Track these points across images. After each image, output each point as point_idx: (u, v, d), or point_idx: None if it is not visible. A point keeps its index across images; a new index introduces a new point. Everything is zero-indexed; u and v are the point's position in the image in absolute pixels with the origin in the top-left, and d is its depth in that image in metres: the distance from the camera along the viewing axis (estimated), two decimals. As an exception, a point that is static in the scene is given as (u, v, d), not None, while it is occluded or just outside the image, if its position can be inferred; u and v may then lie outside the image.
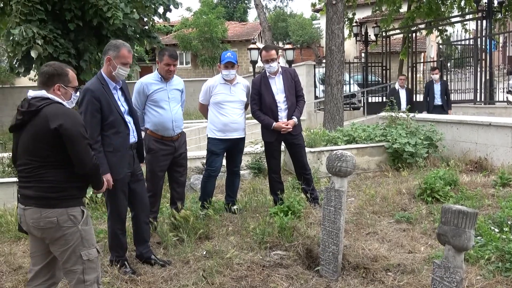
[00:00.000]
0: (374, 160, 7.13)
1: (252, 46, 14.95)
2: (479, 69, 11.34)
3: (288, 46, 15.87)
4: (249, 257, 3.70)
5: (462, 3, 15.66)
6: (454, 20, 14.77)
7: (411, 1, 16.54)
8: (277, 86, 5.00)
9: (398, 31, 16.00)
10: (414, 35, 13.86)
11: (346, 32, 15.40)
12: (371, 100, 14.28)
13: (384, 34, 15.03)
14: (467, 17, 14.93)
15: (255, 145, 7.40)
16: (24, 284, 3.33)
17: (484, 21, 11.45)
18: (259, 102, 5.01)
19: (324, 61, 10.34)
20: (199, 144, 10.26)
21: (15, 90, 17.73)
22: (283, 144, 5.21)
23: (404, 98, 9.88)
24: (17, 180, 2.72)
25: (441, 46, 15.30)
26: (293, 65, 14.07)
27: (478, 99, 11.36)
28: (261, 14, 20.63)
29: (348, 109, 14.58)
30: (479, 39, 11.53)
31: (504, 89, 12.42)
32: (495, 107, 10.91)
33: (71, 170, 2.58)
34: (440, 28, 15.83)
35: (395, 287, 3.23)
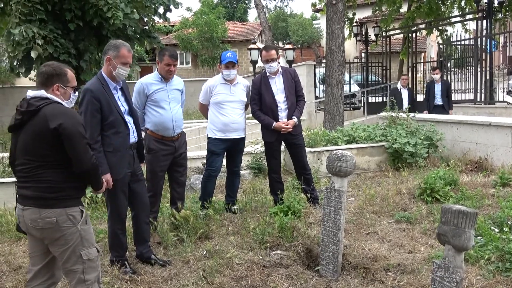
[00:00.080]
0: (374, 160, 7.13)
1: (252, 46, 14.94)
2: (479, 69, 11.33)
3: (288, 46, 15.87)
4: (249, 257, 3.70)
5: (462, 3, 15.66)
6: (454, 20, 14.77)
7: (411, 1, 16.54)
8: (277, 86, 5.00)
9: (398, 31, 16.00)
10: (414, 35, 13.86)
11: (346, 32, 15.40)
12: (371, 100, 14.27)
13: (384, 34, 15.03)
14: (467, 17, 14.93)
15: (255, 145, 7.39)
16: (24, 284, 3.33)
17: (484, 21, 11.44)
18: (259, 102, 5.01)
19: (324, 61, 10.33)
20: (199, 144, 10.25)
21: (15, 90, 17.71)
22: (283, 144, 5.21)
23: (406, 98, 9.87)
24: (15, 180, 2.71)
25: (441, 46, 15.29)
26: (293, 65, 14.06)
27: (478, 99, 11.35)
28: (261, 14, 20.64)
29: (348, 109, 14.58)
30: (479, 39, 11.52)
31: (504, 89, 12.41)
32: (495, 107, 10.90)
33: (69, 170, 2.58)
34: (440, 28, 15.83)
35: (395, 287, 3.23)
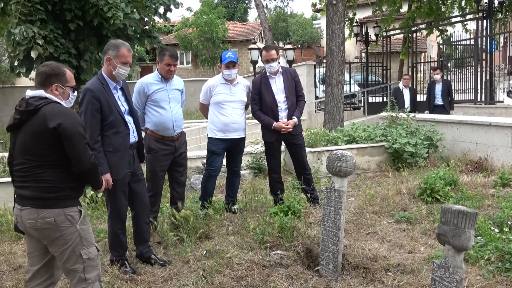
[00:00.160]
0: (374, 160, 7.13)
1: (252, 46, 14.93)
2: (479, 69, 11.33)
3: (288, 46, 15.87)
4: (249, 257, 3.71)
5: (463, 3, 15.65)
6: (454, 20, 14.78)
7: (411, 1, 16.54)
8: (277, 86, 5.00)
9: (398, 31, 16.00)
10: (414, 35, 13.86)
11: (347, 32, 15.40)
12: (371, 100, 14.26)
13: (384, 34, 15.03)
14: (467, 17, 14.94)
15: (255, 145, 7.40)
16: (24, 284, 3.33)
17: (485, 21, 11.44)
18: (260, 102, 5.01)
19: (325, 61, 10.33)
20: (200, 144, 10.25)
21: (15, 90, 17.71)
22: (283, 144, 5.21)
23: (407, 98, 9.87)
24: (14, 180, 2.69)
25: (441, 46, 15.28)
26: (293, 65, 14.06)
27: (479, 99, 11.35)
28: (261, 14, 20.65)
29: (348, 109, 14.57)
30: (479, 39, 11.52)
31: (504, 89, 12.40)
32: (495, 107, 10.90)
33: (68, 170, 2.57)
34: (440, 28, 15.82)
35: (395, 287, 3.23)
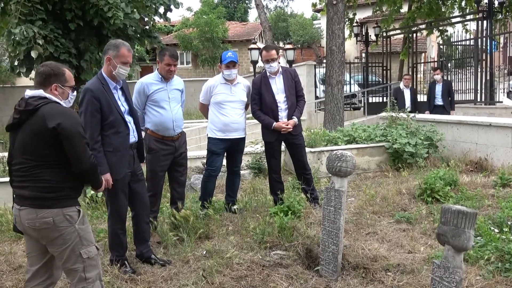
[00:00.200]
0: (374, 160, 7.13)
1: (252, 46, 14.93)
2: (479, 70, 11.33)
3: (288, 46, 15.86)
4: (249, 256, 3.71)
5: (463, 4, 15.65)
6: (454, 20, 14.77)
7: (411, 1, 16.54)
8: (277, 86, 5.00)
9: (398, 31, 16.00)
10: (414, 35, 13.86)
11: (347, 32, 15.39)
12: (371, 100, 14.26)
13: (384, 34, 15.03)
14: (467, 17, 14.93)
15: (255, 145, 7.40)
16: (23, 284, 3.34)
17: (485, 22, 11.44)
18: (260, 102, 5.01)
19: (325, 61, 10.33)
20: (200, 144, 10.26)
21: (15, 90, 17.71)
22: (283, 144, 5.21)
23: (408, 98, 9.87)
24: (13, 180, 2.68)
25: (441, 47, 15.28)
26: (293, 65, 14.06)
27: (479, 100, 11.35)
28: (261, 14, 20.64)
29: (348, 109, 14.57)
30: (479, 40, 11.52)
31: (504, 89, 12.40)
32: (495, 107, 10.90)
33: (67, 170, 2.57)
34: (440, 28, 15.82)
35: (395, 287, 3.23)
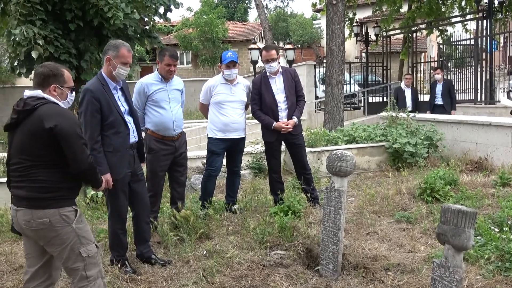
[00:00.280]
0: (375, 160, 7.13)
1: (252, 46, 14.94)
2: (479, 69, 11.32)
3: (288, 46, 15.86)
4: (249, 256, 3.71)
5: (463, 3, 15.65)
6: (454, 20, 14.76)
7: (411, 1, 16.54)
8: (277, 86, 5.01)
9: (398, 31, 15.99)
10: (414, 35, 13.86)
11: (347, 32, 15.40)
12: (371, 100, 14.27)
13: (384, 34, 15.02)
14: (467, 17, 14.93)
15: (255, 145, 7.40)
16: (23, 285, 3.34)
17: (485, 21, 11.43)
18: (260, 102, 5.02)
19: (325, 61, 10.33)
20: (200, 144, 10.26)
21: (16, 90, 17.72)
22: (283, 144, 5.22)
23: (409, 98, 9.87)
24: (10, 180, 2.68)
25: (441, 46, 15.27)
26: (293, 65, 14.07)
27: (479, 99, 11.35)
28: (261, 14, 20.64)
29: (348, 109, 14.57)
30: (479, 39, 11.52)
31: (504, 89, 12.40)
32: (495, 107, 10.89)
33: (64, 170, 2.57)
34: (440, 28, 15.82)
35: (395, 286, 3.23)
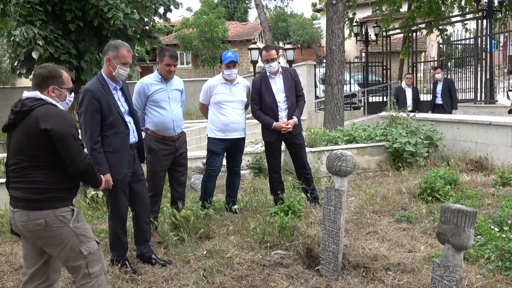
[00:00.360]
0: (375, 160, 7.13)
1: (252, 46, 14.94)
2: (479, 69, 11.32)
3: (288, 46, 15.87)
4: (250, 256, 3.71)
5: (463, 3, 15.64)
6: (454, 19, 14.76)
7: (411, 0, 16.54)
8: (277, 86, 5.01)
9: (398, 30, 15.99)
10: (414, 34, 13.86)
11: (347, 32, 15.40)
12: (371, 99, 14.28)
13: (384, 33, 15.03)
14: (467, 16, 14.92)
15: (255, 145, 7.40)
16: (21, 286, 3.34)
17: (485, 21, 11.43)
18: (260, 102, 5.02)
19: (325, 61, 10.33)
20: (200, 144, 10.26)
21: (16, 91, 17.74)
22: (283, 144, 5.22)
23: (410, 97, 9.86)
24: (9, 181, 2.68)
25: (441, 46, 15.27)
26: (293, 65, 14.07)
27: (479, 99, 11.35)
28: (261, 14, 20.66)
29: (348, 108, 14.57)
30: (479, 39, 11.52)
31: (504, 88, 12.40)
32: (495, 106, 10.89)
33: (60, 171, 2.58)
34: (440, 27, 15.82)
35: (395, 286, 3.24)
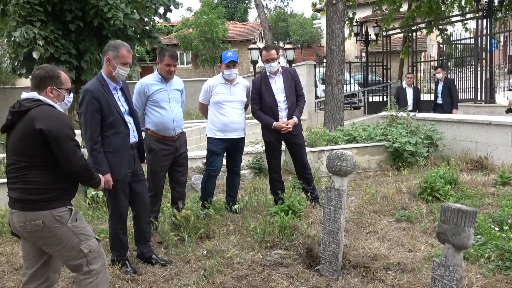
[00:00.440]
0: (375, 160, 7.13)
1: (252, 46, 14.94)
2: (479, 68, 11.32)
3: (288, 45, 15.87)
4: (250, 256, 3.72)
5: (463, 2, 15.64)
6: (454, 19, 14.76)
7: (411, 0, 16.54)
8: (277, 85, 5.01)
9: (398, 30, 15.99)
10: (414, 34, 13.86)
11: (347, 32, 15.40)
12: (371, 99, 14.28)
13: (384, 33, 15.03)
14: (467, 16, 14.92)
15: (255, 145, 7.41)
16: (21, 287, 3.35)
17: (485, 20, 11.43)
18: (260, 101, 5.02)
19: (325, 60, 10.33)
20: (200, 144, 10.26)
21: (16, 91, 17.75)
22: (283, 143, 5.22)
23: (410, 97, 9.86)
24: (8, 182, 2.68)
25: (441, 45, 15.27)
26: (293, 64, 14.07)
27: (479, 98, 11.35)
28: (261, 14, 20.66)
29: (348, 108, 14.56)
30: (479, 38, 11.52)
31: (504, 88, 12.42)
32: (495, 106, 10.89)
33: (57, 171, 2.58)
34: (440, 27, 15.82)
35: (395, 285, 3.24)
